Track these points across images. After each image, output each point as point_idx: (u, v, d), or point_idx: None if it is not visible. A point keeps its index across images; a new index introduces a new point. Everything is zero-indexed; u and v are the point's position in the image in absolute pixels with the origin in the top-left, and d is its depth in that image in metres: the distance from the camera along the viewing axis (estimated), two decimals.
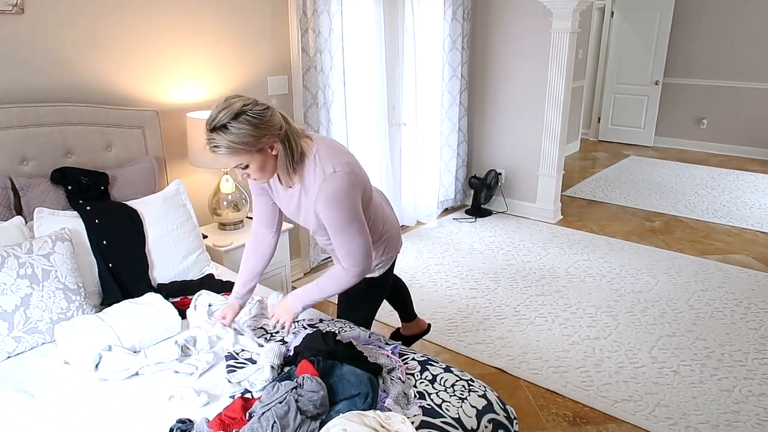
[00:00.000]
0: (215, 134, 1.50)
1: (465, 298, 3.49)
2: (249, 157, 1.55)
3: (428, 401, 1.59)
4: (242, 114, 1.50)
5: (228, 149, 1.51)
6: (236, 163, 1.56)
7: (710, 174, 6.39)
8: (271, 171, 1.64)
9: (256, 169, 1.59)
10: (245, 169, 1.59)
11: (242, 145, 1.50)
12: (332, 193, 1.61)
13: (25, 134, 2.24)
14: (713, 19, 7.06)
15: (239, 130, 1.49)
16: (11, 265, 1.83)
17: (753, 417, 2.44)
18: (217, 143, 1.50)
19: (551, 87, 4.52)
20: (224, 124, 1.48)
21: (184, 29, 2.84)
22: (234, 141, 1.49)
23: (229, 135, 1.49)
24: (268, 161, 1.60)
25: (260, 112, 1.53)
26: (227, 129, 1.49)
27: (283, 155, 1.61)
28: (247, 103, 1.52)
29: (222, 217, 2.95)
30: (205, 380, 1.71)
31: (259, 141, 1.53)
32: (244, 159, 1.55)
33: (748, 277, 3.79)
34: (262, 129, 1.53)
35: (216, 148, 1.51)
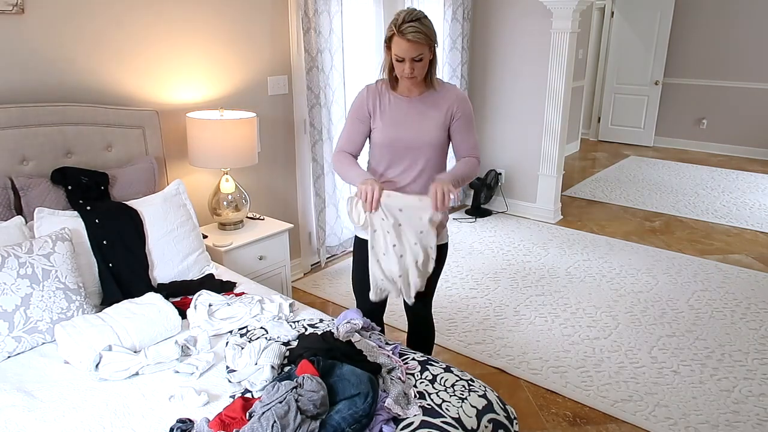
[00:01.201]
0: (415, 23, 1.84)
1: (465, 298, 3.49)
2: (426, 51, 1.90)
3: (428, 401, 1.59)
4: (427, 18, 1.91)
5: (425, 36, 1.86)
6: (418, 52, 1.88)
7: (710, 174, 6.39)
8: (425, 72, 1.98)
9: (424, 64, 1.93)
10: (417, 62, 1.90)
11: (431, 36, 1.89)
12: (465, 97, 2.07)
13: (25, 134, 2.24)
14: (713, 19, 7.06)
15: (431, 25, 1.91)
16: (11, 264, 1.83)
17: (753, 417, 2.44)
18: (419, 29, 1.84)
19: (551, 87, 4.52)
20: (420, 18, 1.86)
21: (184, 29, 2.84)
22: (427, 32, 1.87)
23: (424, 26, 1.86)
24: (428, 63, 1.95)
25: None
26: (423, 22, 1.87)
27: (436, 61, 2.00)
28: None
29: (222, 217, 2.95)
30: (205, 380, 1.71)
31: (435, 40, 1.93)
32: (424, 51, 1.89)
33: (748, 277, 3.79)
34: (435, 32, 1.93)
35: (417, 33, 1.83)
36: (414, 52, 1.88)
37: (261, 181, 3.43)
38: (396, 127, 2.03)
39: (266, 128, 3.38)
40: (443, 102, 2.02)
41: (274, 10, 3.26)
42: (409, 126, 2.03)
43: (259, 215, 3.18)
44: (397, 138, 2.03)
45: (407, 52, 1.88)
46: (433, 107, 2.03)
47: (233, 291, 2.28)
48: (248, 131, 2.76)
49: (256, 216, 3.16)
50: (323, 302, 3.46)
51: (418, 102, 2.03)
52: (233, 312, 2.03)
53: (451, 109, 2.02)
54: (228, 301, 2.09)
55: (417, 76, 1.95)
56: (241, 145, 2.73)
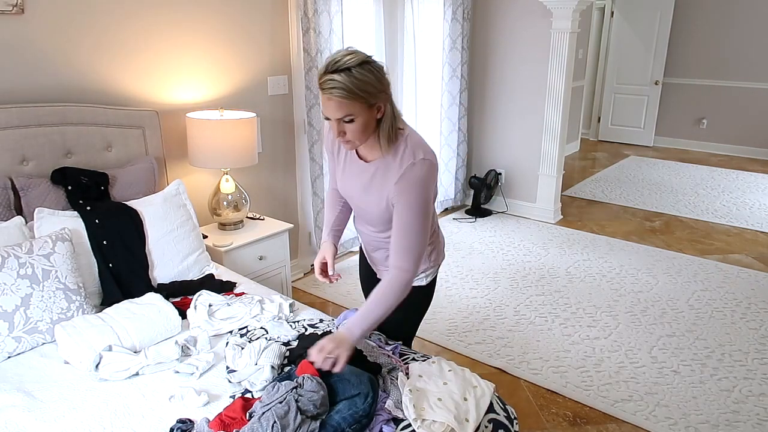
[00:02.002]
0: (336, 75, 1.43)
1: (465, 298, 3.49)
2: (360, 110, 1.48)
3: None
4: (368, 63, 1.47)
5: (347, 93, 1.44)
6: (344, 113, 1.48)
7: (710, 174, 6.39)
8: (367, 136, 1.56)
9: (360, 126, 1.51)
10: (348, 124, 1.50)
11: (362, 92, 1.45)
12: (416, 178, 1.55)
13: (25, 134, 2.24)
14: (713, 19, 7.06)
15: (363, 77, 1.44)
16: (11, 265, 1.83)
17: (753, 417, 2.44)
18: (336, 84, 1.43)
19: (551, 87, 4.52)
20: (349, 67, 1.43)
21: (184, 29, 2.84)
22: (356, 86, 1.43)
23: (352, 78, 1.43)
24: (371, 123, 1.54)
25: (381, 68, 1.51)
26: (351, 73, 1.43)
27: (388, 120, 1.56)
28: (369, 56, 1.49)
29: (222, 217, 2.95)
30: (205, 380, 1.71)
31: (376, 95, 1.49)
32: (354, 110, 1.47)
33: (748, 277, 3.79)
34: (381, 84, 1.50)
35: (333, 89, 1.43)
36: (337, 111, 1.47)
37: (261, 181, 3.43)
38: (346, 188, 1.75)
39: (266, 128, 3.38)
40: (390, 178, 1.60)
41: (274, 10, 3.26)
42: (357, 194, 1.71)
43: (259, 215, 3.18)
44: (347, 197, 1.78)
45: (329, 112, 1.50)
46: (381, 182, 1.62)
47: (233, 291, 2.28)
48: (248, 131, 2.76)
49: (256, 216, 3.16)
50: (323, 302, 3.46)
51: (372, 169, 1.64)
52: (233, 312, 2.03)
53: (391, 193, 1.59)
54: (228, 301, 2.09)
55: (352, 140, 1.54)
56: (241, 145, 2.73)
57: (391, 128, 1.57)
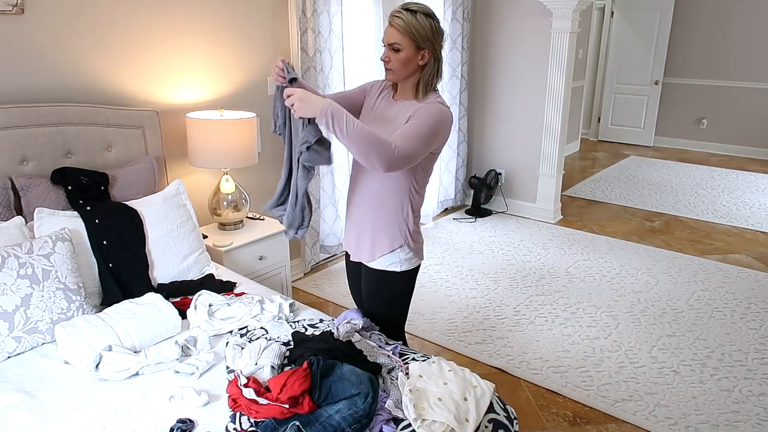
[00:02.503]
0: (405, 12, 1.75)
1: (465, 298, 3.49)
2: (407, 44, 1.77)
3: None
4: (431, 17, 1.79)
5: (405, 26, 1.75)
6: (395, 41, 1.77)
7: (710, 174, 6.39)
8: (406, 74, 1.82)
9: (403, 58, 1.78)
10: (395, 53, 1.78)
11: (415, 31, 1.75)
12: (434, 107, 1.78)
13: (25, 134, 2.24)
14: (713, 19, 7.06)
15: (422, 22, 1.76)
16: (11, 265, 1.83)
17: (753, 417, 2.44)
18: (401, 17, 1.75)
19: (551, 87, 4.52)
20: (416, 11, 1.76)
21: (184, 29, 2.84)
22: (413, 24, 1.74)
23: (413, 19, 1.75)
24: (412, 63, 1.80)
25: (441, 29, 1.82)
26: (415, 15, 1.75)
27: (429, 70, 1.83)
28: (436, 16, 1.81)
29: (222, 217, 2.95)
30: (205, 380, 1.71)
31: (425, 41, 1.77)
32: (404, 43, 1.76)
33: (748, 277, 3.79)
34: (433, 36, 1.79)
35: (397, 18, 1.75)
36: (391, 37, 1.78)
37: (261, 181, 3.43)
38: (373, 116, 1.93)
39: (266, 128, 3.38)
40: (411, 109, 1.82)
41: (274, 10, 3.26)
42: (381, 120, 1.88)
43: (259, 215, 3.18)
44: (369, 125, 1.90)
45: (386, 36, 1.79)
46: (401, 114, 1.83)
47: (233, 291, 2.28)
48: (248, 131, 2.76)
49: (256, 216, 3.16)
50: (323, 302, 3.46)
51: (397, 108, 1.87)
52: (233, 312, 2.03)
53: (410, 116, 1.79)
54: (228, 301, 2.09)
55: (393, 69, 1.81)
56: (241, 145, 2.73)
57: (431, 77, 1.84)
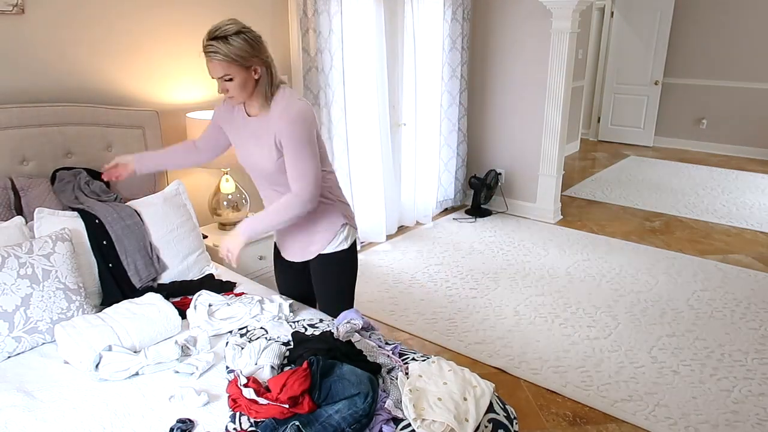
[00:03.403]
0: (216, 42, 1.72)
1: (465, 298, 3.49)
2: (237, 71, 1.76)
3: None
4: (242, 33, 1.75)
5: (224, 57, 1.73)
6: (224, 73, 1.75)
7: (710, 174, 6.39)
8: (249, 93, 1.83)
9: (238, 84, 1.78)
10: (228, 82, 1.77)
11: (237, 57, 1.73)
12: (296, 113, 1.81)
13: (25, 134, 2.24)
14: (713, 19, 7.06)
15: (238, 44, 1.73)
16: (11, 265, 1.83)
17: (753, 417, 2.44)
18: (216, 50, 1.72)
19: (551, 87, 4.52)
20: (227, 35, 1.72)
21: (184, 29, 2.84)
22: (231, 52, 1.72)
23: (228, 46, 1.72)
24: (249, 82, 1.80)
25: (256, 37, 1.80)
26: (227, 41, 1.72)
27: (264, 80, 1.83)
28: (246, 27, 1.78)
29: (222, 217, 2.95)
30: (205, 380, 1.71)
31: (250, 59, 1.76)
32: (232, 71, 1.75)
33: (748, 277, 3.79)
34: (255, 50, 1.78)
35: (214, 54, 1.73)
36: (218, 72, 1.76)
37: None
38: (241, 152, 1.97)
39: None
40: (271, 125, 1.84)
41: (274, 10, 3.26)
42: (248, 151, 1.93)
43: None
44: (244, 163, 1.98)
45: (212, 72, 1.78)
46: (265, 132, 1.86)
47: (233, 291, 2.28)
48: None
49: None
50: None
51: (255, 123, 1.90)
52: (233, 312, 2.03)
53: (276, 133, 1.82)
54: (228, 301, 2.09)
55: (234, 96, 1.81)
56: None
57: (268, 87, 1.85)
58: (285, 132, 1.80)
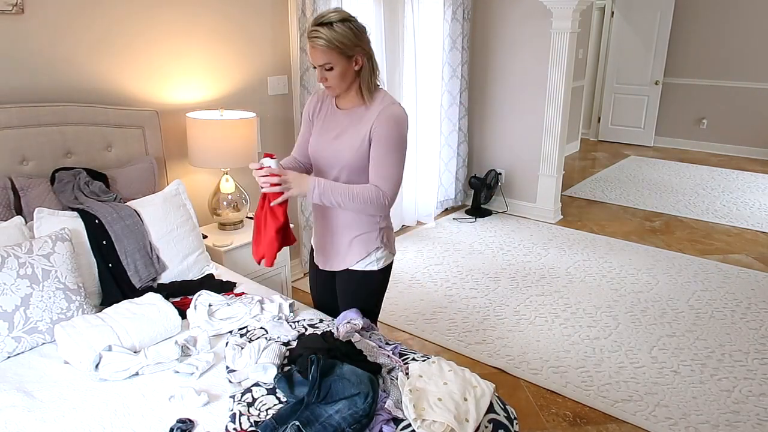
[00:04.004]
0: (321, 28, 1.67)
1: (465, 298, 3.49)
2: (338, 59, 1.71)
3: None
4: (348, 21, 1.71)
5: (327, 43, 1.67)
6: (326, 60, 1.70)
7: (710, 174, 6.39)
8: (347, 84, 1.78)
9: (338, 73, 1.73)
10: (328, 71, 1.72)
11: (340, 44, 1.68)
12: (394, 115, 1.76)
13: (25, 134, 2.24)
14: (713, 19, 7.06)
15: (342, 31, 1.68)
16: (11, 265, 1.83)
17: (753, 417, 2.44)
18: (320, 35, 1.67)
19: (551, 87, 4.52)
20: (332, 22, 1.67)
21: (184, 29, 2.84)
22: (335, 38, 1.67)
23: (332, 32, 1.67)
24: (349, 72, 1.75)
25: (361, 27, 1.74)
26: (332, 27, 1.67)
27: (365, 72, 1.78)
28: (351, 16, 1.73)
29: (222, 217, 2.95)
30: (205, 380, 1.71)
31: (353, 48, 1.71)
32: (333, 59, 1.70)
33: (748, 277, 3.79)
34: (358, 39, 1.72)
35: (317, 39, 1.67)
36: (320, 59, 1.71)
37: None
38: (319, 141, 1.90)
39: (266, 128, 3.39)
40: (367, 120, 1.79)
41: (274, 10, 3.26)
42: (330, 142, 1.87)
43: None
44: (317, 152, 1.90)
45: (314, 59, 1.72)
46: (357, 125, 1.81)
47: (233, 291, 2.28)
48: (248, 131, 2.76)
49: None
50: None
51: (346, 116, 1.85)
52: (233, 312, 2.02)
53: (370, 129, 1.77)
54: (228, 301, 2.09)
55: (333, 86, 1.77)
56: (241, 145, 2.73)
57: (370, 79, 1.80)
58: (382, 130, 1.75)
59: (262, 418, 1.49)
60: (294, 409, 1.48)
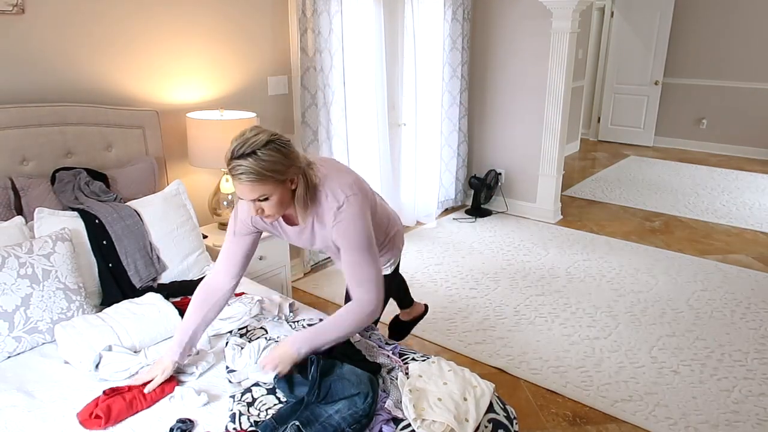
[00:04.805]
0: (242, 161, 1.43)
1: (465, 298, 3.49)
2: (273, 189, 1.49)
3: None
4: (272, 142, 1.47)
5: (257, 176, 1.44)
6: (258, 194, 1.48)
7: (710, 174, 6.39)
8: (286, 207, 1.58)
9: (275, 203, 1.53)
10: (263, 202, 1.52)
11: (271, 172, 1.45)
12: (348, 220, 1.60)
13: (25, 134, 2.24)
14: (713, 18, 7.06)
15: (270, 157, 1.45)
16: (11, 265, 1.83)
17: (753, 417, 2.44)
18: (244, 169, 1.43)
19: (551, 87, 4.52)
20: (254, 150, 1.43)
21: (184, 29, 2.84)
22: (264, 168, 1.44)
23: (258, 161, 1.43)
24: (286, 196, 1.55)
25: (287, 143, 1.51)
26: (257, 155, 1.43)
27: (302, 189, 1.58)
28: (273, 133, 1.50)
29: (222, 217, 2.95)
30: (205, 380, 1.71)
31: (287, 171, 1.50)
32: (267, 190, 1.49)
33: (748, 277, 3.79)
34: (290, 159, 1.50)
35: (242, 174, 1.44)
36: (251, 193, 1.48)
37: None
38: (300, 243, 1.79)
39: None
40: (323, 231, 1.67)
41: (274, 10, 3.26)
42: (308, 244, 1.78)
43: None
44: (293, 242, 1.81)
45: (243, 194, 1.50)
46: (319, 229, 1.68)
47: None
48: None
49: None
50: (323, 302, 3.46)
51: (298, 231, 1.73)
52: (233, 312, 2.02)
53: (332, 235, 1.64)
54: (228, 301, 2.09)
55: (272, 215, 1.56)
56: None
57: (305, 195, 1.59)
58: (345, 241, 1.60)
59: (262, 418, 1.50)
60: (294, 409, 1.49)
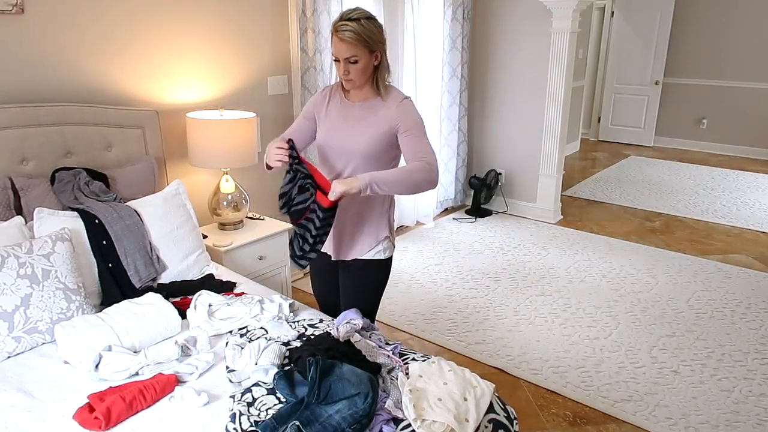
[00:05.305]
0: (350, 22, 1.79)
1: (465, 298, 3.49)
2: (363, 53, 1.82)
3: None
4: (372, 19, 1.85)
5: (357, 36, 1.79)
6: (352, 53, 1.81)
7: (710, 174, 6.39)
8: (366, 78, 1.89)
9: (361, 67, 1.84)
10: (352, 65, 1.83)
11: (367, 37, 1.80)
12: (410, 105, 1.93)
13: (25, 134, 2.24)
14: (713, 18, 7.06)
15: (369, 26, 1.82)
16: (11, 265, 1.83)
17: (753, 417, 2.44)
18: (349, 29, 1.78)
19: (551, 87, 4.52)
20: (359, 18, 1.80)
21: (184, 29, 2.84)
22: (363, 32, 1.79)
23: (361, 26, 1.79)
24: (370, 66, 1.87)
25: (380, 25, 1.88)
26: (360, 22, 1.80)
27: (382, 67, 1.91)
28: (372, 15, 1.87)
29: (222, 217, 2.95)
30: (205, 380, 1.71)
31: (377, 43, 1.85)
32: (359, 52, 1.81)
33: (748, 277, 3.79)
34: (381, 36, 1.87)
35: (347, 32, 1.78)
36: (346, 52, 1.81)
37: (261, 181, 3.43)
38: (331, 131, 1.98)
39: (266, 128, 3.38)
40: (384, 113, 1.92)
41: (274, 10, 3.26)
42: (343, 132, 1.96)
43: (258, 215, 3.18)
44: (328, 141, 1.99)
45: (340, 52, 1.82)
46: (372, 116, 1.93)
47: (233, 291, 2.28)
48: (248, 131, 2.76)
49: (255, 216, 3.16)
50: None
51: (360, 108, 1.96)
52: (233, 312, 2.02)
53: (392, 122, 1.90)
54: (228, 301, 2.09)
55: (354, 79, 1.87)
56: (241, 145, 2.73)
57: (382, 72, 1.93)
58: (410, 121, 1.88)
59: (262, 417, 1.49)
60: (294, 409, 1.48)
